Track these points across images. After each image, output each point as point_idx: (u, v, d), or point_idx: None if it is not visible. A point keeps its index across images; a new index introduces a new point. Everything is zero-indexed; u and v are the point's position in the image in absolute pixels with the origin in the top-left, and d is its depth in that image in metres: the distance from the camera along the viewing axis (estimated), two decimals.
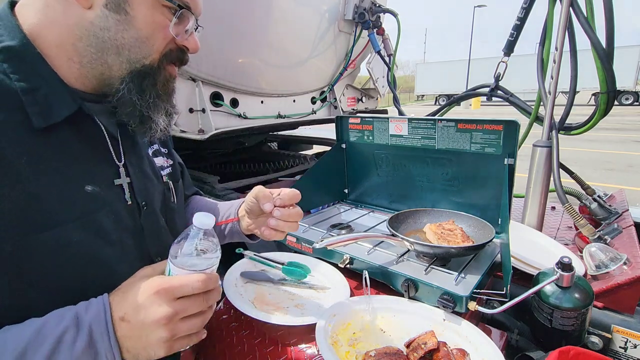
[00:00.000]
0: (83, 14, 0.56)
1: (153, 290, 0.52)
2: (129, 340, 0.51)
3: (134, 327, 0.51)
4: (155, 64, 0.63)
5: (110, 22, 0.57)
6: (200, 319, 0.56)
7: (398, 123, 1.30)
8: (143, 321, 0.51)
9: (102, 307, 0.52)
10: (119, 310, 0.52)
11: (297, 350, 0.83)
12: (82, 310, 0.52)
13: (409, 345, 0.74)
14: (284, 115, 2.20)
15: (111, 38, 0.58)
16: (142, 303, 0.52)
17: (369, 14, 2.20)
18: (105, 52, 0.58)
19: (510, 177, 1.07)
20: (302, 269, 1.05)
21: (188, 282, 0.53)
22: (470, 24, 28.49)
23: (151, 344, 0.51)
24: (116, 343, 0.51)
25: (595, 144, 8.47)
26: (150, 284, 0.53)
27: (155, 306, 0.51)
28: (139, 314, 0.51)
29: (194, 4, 0.65)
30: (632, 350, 0.87)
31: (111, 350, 0.50)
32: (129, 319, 0.51)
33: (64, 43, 0.57)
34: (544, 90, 1.35)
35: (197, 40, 0.68)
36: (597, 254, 1.04)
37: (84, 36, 0.57)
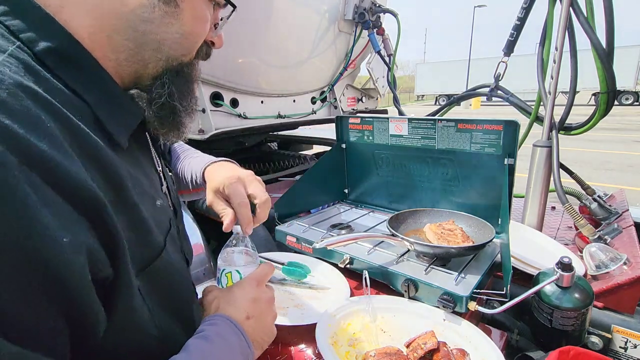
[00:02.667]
0: (123, 0, 0.45)
1: (254, 284, 0.62)
2: (255, 333, 0.58)
3: (257, 319, 0.59)
4: (192, 61, 0.56)
5: (157, 14, 0.47)
6: (272, 295, 0.68)
7: (398, 123, 1.30)
8: (262, 308, 0.60)
9: (229, 322, 0.56)
10: (241, 314, 0.58)
11: (297, 350, 0.83)
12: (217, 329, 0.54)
13: (409, 345, 0.74)
14: (284, 115, 2.20)
15: (153, 32, 0.48)
16: (255, 296, 0.61)
17: (369, 14, 2.20)
18: (144, 48, 0.49)
19: (510, 177, 1.07)
20: (302, 269, 1.05)
21: (267, 269, 0.67)
22: (470, 24, 28.49)
23: (268, 325, 0.61)
24: (250, 342, 0.56)
25: (595, 144, 8.47)
26: (247, 283, 0.63)
27: (262, 293, 0.62)
28: (257, 305, 0.60)
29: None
30: (632, 350, 0.87)
31: (249, 350, 0.56)
32: (252, 314, 0.59)
33: (97, 35, 0.45)
34: (544, 90, 1.35)
35: (222, 35, 0.64)
36: (597, 254, 1.04)
37: (122, 28, 0.46)
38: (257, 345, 0.58)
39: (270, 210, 0.79)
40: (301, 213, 1.43)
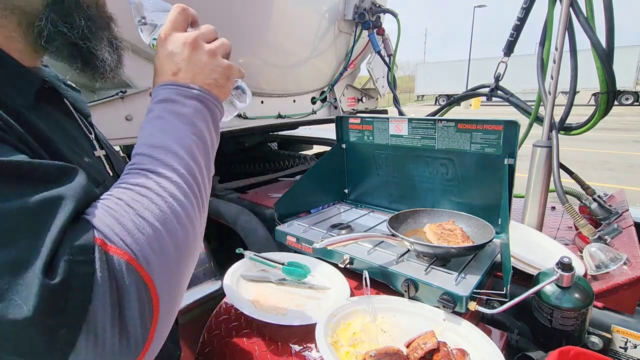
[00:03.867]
0: None
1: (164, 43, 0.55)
2: (197, 77, 0.54)
3: (187, 66, 0.53)
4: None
5: None
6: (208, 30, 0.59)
7: (398, 123, 1.30)
8: (185, 54, 0.54)
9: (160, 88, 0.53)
10: (165, 75, 0.54)
11: (297, 350, 0.83)
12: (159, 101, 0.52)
13: (409, 345, 0.74)
14: (284, 115, 2.20)
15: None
16: (167, 53, 0.54)
17: (369, 14, 2.20)
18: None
19: (510, 177, 1.07)
20: (302, 269, 1.05)
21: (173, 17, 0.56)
22: (470, 24, 28.49)
23: (205, 61, 0.55)
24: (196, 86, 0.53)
25: (595, 144, 8.47)
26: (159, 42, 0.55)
27: (175, 43, 0.54)
28: (176, 57, 0.54)
29: None
30: (632, 350, 0.87)
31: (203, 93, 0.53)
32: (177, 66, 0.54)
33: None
34: (544, 90, 1.35)
35: None
36: (597, 254, 1.04)
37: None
38: (214, 85, 0.55)
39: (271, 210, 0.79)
40: (301, 213, 1.43)
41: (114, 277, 0.36)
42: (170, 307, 0.42)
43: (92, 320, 0.35)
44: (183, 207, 0.44)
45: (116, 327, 0.36)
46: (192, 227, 0.45)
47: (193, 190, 0.46)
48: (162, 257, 0.40)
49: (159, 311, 0.39)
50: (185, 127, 0.50)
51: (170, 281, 0.41)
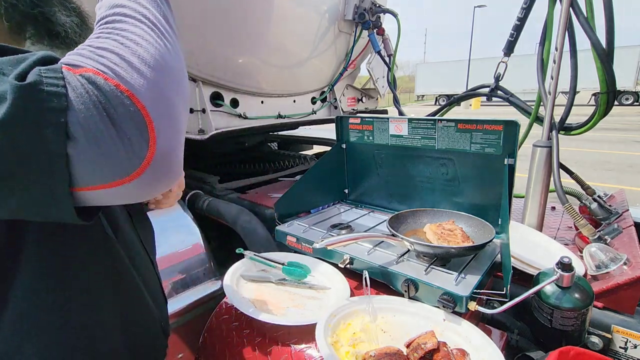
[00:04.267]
0: None
1: None
2: None
3: None
4: None
5: None
6: None
7: (398, 123, 1.30)
8: None
9: None
10: None
11: (297, 350, 0.83)
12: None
13: (409, 345, 0.74)
14: (284, 115, 2.20)
15: None
16: None
17: (369, 14, 2.20)
18: None
19: (510, 177, 1.07)
20: (302, 269, 1.05)
21: None
22: (470, 24, 28.49)
23: None
24: None
25: (595, 144, 8.46)
26: None
27: None
28: None
29: None
30: (632, 350, 0.87)
31: None
32: None
33: None
34: (544, 90, 1.35)
35: None
36: (597, 254, 1.04)
37: None
38: None
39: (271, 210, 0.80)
40: (301, 213, 1.43)
41: (86, 87, 0.38)
42: (166, 117, 0.42)
43: (85, 123, 0.37)
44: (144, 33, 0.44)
45: (113, 131, 0.38)
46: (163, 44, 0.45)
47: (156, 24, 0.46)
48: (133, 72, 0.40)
49: (150, 118, 0.40)
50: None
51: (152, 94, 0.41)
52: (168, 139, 0.42)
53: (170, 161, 0.43)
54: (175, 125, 0.44)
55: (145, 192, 0.44)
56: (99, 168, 0.39)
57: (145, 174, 0.41)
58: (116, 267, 0.62)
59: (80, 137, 0.37)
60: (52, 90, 0.36)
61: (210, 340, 0.99)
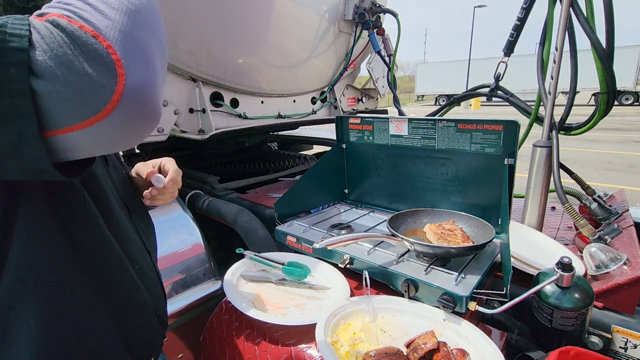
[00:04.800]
0: None
1: None
2: None
3: None
4: None
5: None
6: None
7: (398, 123, 1.30)
8: None
9: None
10: None
11: (297, 350, 0.83)
12: None
13: (409, 345, 0.74)
14: (284, 115, 2.20)
15: None
16: None
17: (369, 14, 2.20)
18: None
19: (510, 177, 1.07)
20: (302, 269, 1.05)
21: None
22: (470, 24, 28.49)
23: None
24: None
25: (595, 144, 8.46)
26: None
27: None
28: None
29: None
30: (632, 350, 0.87)
31: None
32: None
33: None
34: (544, 90, 1.35)
35: None
36: (597, 254, 1.04)
37: None
38: None
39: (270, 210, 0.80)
40: (301, 213, 1.43)
41: (51, 29, 0.39)
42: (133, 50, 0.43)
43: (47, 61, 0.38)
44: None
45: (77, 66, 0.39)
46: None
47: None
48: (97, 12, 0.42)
49: (115, 52, 0.41)
50: None
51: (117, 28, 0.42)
52: (139, 75, 0.43)
53: (143, 99, 0.44)
54: (147, 62, 0.44)
55: (121, 133, 0.44)
56: (68, 105, 0.39)
57: (116, 111, 0.41)
58: (106, 256, 0.62)
59: (46, 75, 0.38)
60: (14, 32, 0.38)
61: (210, 340, 0.99)
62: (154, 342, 0.75)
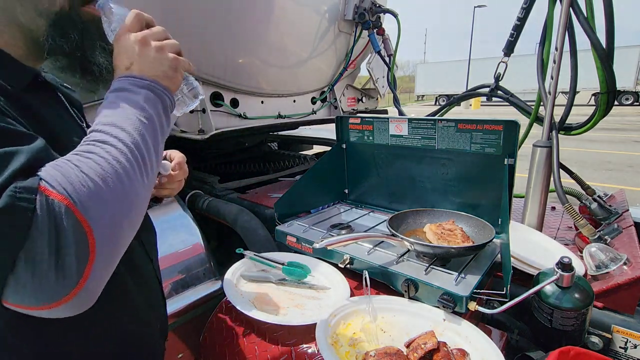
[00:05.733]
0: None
1: (117, 42, 0.60)
2: (145, 70, 0.59)
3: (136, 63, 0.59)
4: (66, 8, 0.62)
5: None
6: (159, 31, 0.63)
7: (398, 123, 1.30)
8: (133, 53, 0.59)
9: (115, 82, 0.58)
10: (119, 70, 0.59)
11: (297, 350, 0.83)
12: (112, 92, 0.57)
13: (409, 345, 0.74)
14: (284, 115, 2.20)
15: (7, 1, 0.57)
16: (120, 51, 0.60)
17: (369, 14, 2.20)
18: (14, 16, 0.57)
19: (510, 177, 1.07)
20: (302, 269, 1.05)
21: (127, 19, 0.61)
22: (470, 24, 28.49)
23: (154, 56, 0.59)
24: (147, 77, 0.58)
25: (595, 144, 8.47)
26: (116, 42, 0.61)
27: (127, 41, 0.59)
28: (127, 54, 0.59)
29: None
30: (632, 350, 0.87)
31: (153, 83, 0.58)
32: (130, 61, 0.59)
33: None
34: (544, 90, 1.35)
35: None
36: (597, 254, 1.04)
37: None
38: (160, 78, 0.59)
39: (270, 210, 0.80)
40: (301, 213, 1.43)
41: (53, 217, 0.41)
42: (109, 253, 0.46)
43: (31, 251, 0.39)
44: (125, 170, 0.48)
45: (53, 260, 0.40)
46: (133, 188, 0.49)
47: (137, 159, 0.51)
48: (101, 208, 0.44)
49: (95, 253, 0.43)
50: (135, 110, 0.54)
51: (108, 230, 0.45)
52: (98, 281, 0.45)
53: (91, 299, 0.46)
54: (110, 271, 0.48)
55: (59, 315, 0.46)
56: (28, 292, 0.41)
57: (64, 306, 0.43)
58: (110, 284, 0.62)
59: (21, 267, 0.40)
60: (19, 216, 0.39)
61: (210, 340, 0.99)
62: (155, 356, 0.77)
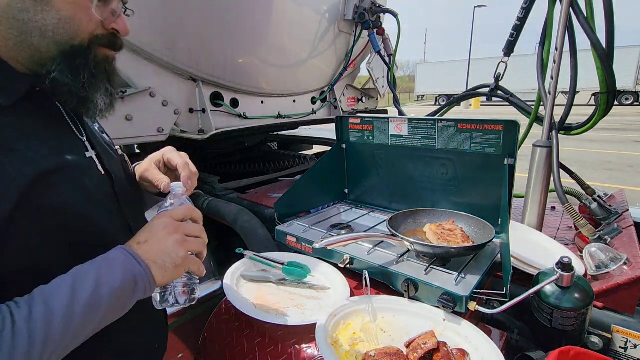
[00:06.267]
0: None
1: (155, 218, 0.64)
2: (151, 254, 0.59)
3: (151, 243, 0.61)
4: (85, 44, 0.62)
5: (28, 3, 0.56)
6: (197, 229, 0.67)
7: (398, 123, 1.30)
8: (157, 232, 0.61)
9: (119, 247, 0.59)
10: (134, 241, 0.61)
11: (297, 350, 0.83)
12: (104, 255, 0.58)
13: (409, 345, 0.74)
14: (284, 115, 2.20)
15: (31, 20, 0.56)
16: (151, 225, 0.63)
17: (369, 14, 2.20)
18: (29, 35, 0.57)
19: (510, 177, 1.07)
20: (302, 269, 1.05)
21: (179, 208, 0.66)
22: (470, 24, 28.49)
23: (168, 246, 0.61)
24: (142, 261, 0.58)
25: (595, 144, 8.47)
26: (152, 219, 0.64)
27: (161, 222, 0.63)
28: (151, 232, 0.62)
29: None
30: (632, 350, 0.87)
31: (141, 267, 0.57)
32: (145, 239, 0.61)
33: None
34: (544, 90, 1.35)
35: (126, 23, 0.68)
36: (597, 254, 1.04)
37: (2, 19, 0.56)
38: (157, 266, 0.59)
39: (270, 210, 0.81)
40: (301, 213, 1.43)
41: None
42: None
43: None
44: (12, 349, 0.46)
45: None
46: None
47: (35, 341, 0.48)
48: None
49: None
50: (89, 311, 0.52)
51: None
52: None
53: None
54: None
55: None
56: None
57: None
58: None
59: None
60: None
61: (210, 340, 0.99)
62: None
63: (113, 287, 0.54)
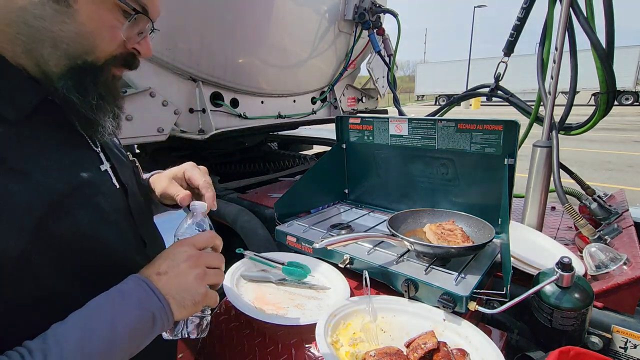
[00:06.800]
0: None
1: (177, 245, 0.61)
2: (171, 288, 0.56)
3: (171, 275, 0.57)
4: (99, 62, 0.58)
5: (47, 11, 0.51)
6: (217, 259, 0.64)
7: (398, 123, 1.30)
8: (179, 265, 0.58)
9: (136, 277, 0.56)
10: (154, 270, 0.57)
11: (297, 350, 0.83)
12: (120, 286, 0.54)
13: (409, 345, 0.74)
14: (284, 115, 2.20)
15: (46, 28, 0.51)
16: (172, 254, 0.59)
17: (369, 14, 2.20)
18: (40, 44, 0.52)
19: (510, 177, 1.07)
20: (302, 269, 1.05)
21: (202, 236, 0.64)
22: (470, 24, 28.49)
23: (190, 281, 0.58)
24: (162, 296, 0.55)
25: (595, 144, 8.47)
26: (177, 243, 0.61)
27: (184, 252, 0.59)
28: (173, 262, 0.58)
29: (152, 7, 0.60)
30: (632, 350, 0.87)
31: (160, 304, 0.54)
32: (165, 270, 0.57)
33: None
34: (544, 90, 1.35)
35: (150, 44, 0.64)
36: (597, 254, 1.04)
37: (13, 22, 0.51)
38: (175, 302, 0.56)
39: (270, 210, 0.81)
40: (301, 213, 1.43)
41: None
42: None
43: None
44: None
45: None
46: None
47: None
48: None
49: None
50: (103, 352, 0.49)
51: None
52: None
53: None
54: None
55: None
56: None
57: None
58: None
59: None
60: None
61: (210, 340, 0.99)
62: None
63: (128, 325, 0.51)
